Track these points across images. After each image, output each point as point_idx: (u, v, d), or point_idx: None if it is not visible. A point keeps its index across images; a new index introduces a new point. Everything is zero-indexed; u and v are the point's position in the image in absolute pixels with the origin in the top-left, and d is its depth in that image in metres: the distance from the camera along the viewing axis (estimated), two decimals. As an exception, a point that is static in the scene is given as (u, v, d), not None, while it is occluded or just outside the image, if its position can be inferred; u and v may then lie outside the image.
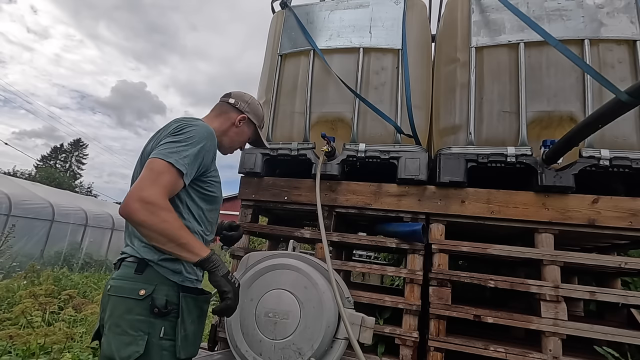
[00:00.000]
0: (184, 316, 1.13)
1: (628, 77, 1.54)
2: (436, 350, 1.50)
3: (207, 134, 1.24)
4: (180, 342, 1.11)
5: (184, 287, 1.16)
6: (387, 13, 1.94)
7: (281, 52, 2.11)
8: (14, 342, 2.58)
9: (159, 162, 1.09)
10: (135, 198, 1.02)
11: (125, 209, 1.03)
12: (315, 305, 1.35)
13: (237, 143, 1.48)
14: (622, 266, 1.44)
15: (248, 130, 1.48)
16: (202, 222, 1.28)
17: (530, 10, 1.68)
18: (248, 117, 1.45)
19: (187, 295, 1.15)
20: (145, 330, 1.07)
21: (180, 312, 1.13)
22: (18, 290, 4.55)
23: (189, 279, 1.18)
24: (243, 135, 1.47)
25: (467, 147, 1.65)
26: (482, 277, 1.54)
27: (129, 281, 1.13)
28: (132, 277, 1.13)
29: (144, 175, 1.08)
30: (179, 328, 1.11)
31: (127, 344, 1.06)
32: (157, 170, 1.08)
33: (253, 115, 1.48)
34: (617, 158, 1.46)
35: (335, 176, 1.80)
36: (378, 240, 1.74)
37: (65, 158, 43.99)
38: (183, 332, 1.12)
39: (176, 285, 1.14)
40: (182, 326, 1.12)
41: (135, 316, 1.08)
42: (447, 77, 1.84)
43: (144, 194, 1.03)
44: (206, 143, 1.22)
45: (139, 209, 1.02)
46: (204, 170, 1.25)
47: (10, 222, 7.09)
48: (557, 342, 1.40)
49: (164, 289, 1.12)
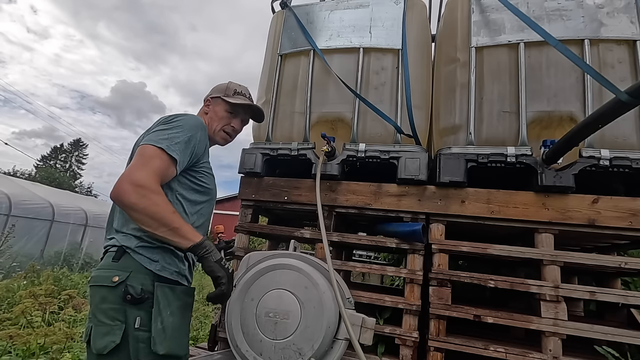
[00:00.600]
0: (160, 307, 1.08)
1: (628, 77, 1.54)
2: (436, 350, 1.50)
3: (197, 123, 1.25)
4: (156, 335, 1.05)
5: (161, 276, 1.12)
6: (387, 13, 1.94)
7: (281, 52, 2.11)
8: (14, 342, 2.58)
9: (150, 147, 1.08)
10: (126, 181, 1.02)
11: (116, 191, 1.02)
12: (316, 306, 1.35)
13: (217, 124, 1.45)
14: (622, 266, 1.44)
15: (219, 107, 1.46)
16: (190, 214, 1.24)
17: (530, 10, 1.68)
18: (210, 97, 1.47)
19: (163, 285, 1.11)
20: (121, 319, 1.04)
21: (156, 301, 1.08)
22: (18, 290, 4.55)
23: (167, 270, 1.14)
24: (218, 113, 1.45)
25: (467, 147, 1.65)
26: (482, 277, 1.54)
27: (105, 269, 1.11)
28: (109, 265, 1.11)
29: (134, 160, 1.07)
30: (155, 319, 1.06)
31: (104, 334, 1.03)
32: (148, 155, 1.07)
33: (215, 92, 1.48)
34: (617, 158, 1.46)
35: (335, 176, 1.80)
36: (378, 240, 1.74)
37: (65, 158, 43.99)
38: (160, 324, 1.07)
39: (152, 274, 1.10)
40: (159, 318, 1.07)
41: (109, 304, 1.05)
42: (447, 77, 1.84)
43: (135, 177, 1.02)
44: (196, 132, 1.22)
45: (130, 191, 1.01)
46: (196, 160, 1.24)
47: (10, 222, 7.10)
48: (557, 342, 1.40)
49: (140, 277, 1.08)
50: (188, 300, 1.21)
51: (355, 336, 1.36)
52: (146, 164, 1.05)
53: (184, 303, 1.18)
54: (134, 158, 1.09)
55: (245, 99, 1.51)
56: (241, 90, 1.51)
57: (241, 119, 1.53)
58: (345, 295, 1.44)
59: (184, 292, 1.19)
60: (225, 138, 1.49)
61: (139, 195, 1.02)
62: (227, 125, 1.47)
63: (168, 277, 1.14)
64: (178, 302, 1.14)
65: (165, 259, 1.15)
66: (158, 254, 1.14)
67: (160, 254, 1.14)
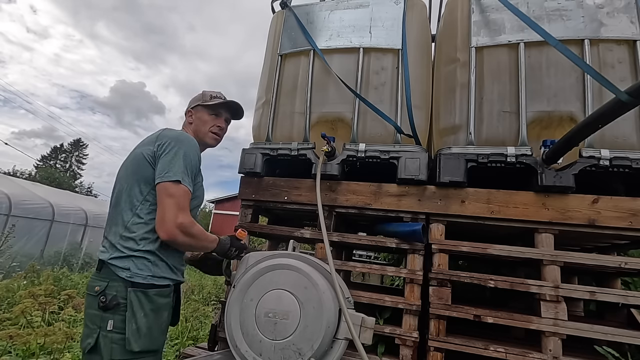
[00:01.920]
0: (133, 309, 1.20)
1: (628, 77, 1.54)
2: (436, 350, 1.50)
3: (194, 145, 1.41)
4: (131, 335, 1.18)
5: (134, 282, 1.23)
6: (387, 13, 1.94)
7: (281, 52, 2.11)
8: (14, 342, 2.58)
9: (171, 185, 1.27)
10: (173, 226, 1.24)
11: (169, 236, 1.24)
12: (315, 306, 1.35)
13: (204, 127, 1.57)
14: (622, 266, 1.44)
15: (201, 113, 1.58)
16: None
17: (530, 10, 1.68)
18: (190, 108, 1.60)
19: (135, 290, 1.23)
20: (98, 324, 1.19)
21: (129, 305, 1.20)
22: (18, 290, 4.55)
23: (139, 275, 1.25)
24: (202, 118, 1.57)
25: (467, 147, 1.65)
26: (482, 277, 1.54)
27: (92, 279, 1.28)
28: (94, 275, 1.29)
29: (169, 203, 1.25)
30: (129, 321, 1.19)
31: (86, 335, 1.20)
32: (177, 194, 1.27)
33: (193, 103, 1.61)
34: (617, 158, 1.46)
35: (335, 176, 1.80)
36: (378, 240, 1.74)
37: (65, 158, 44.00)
38: (134, 325, 1.19)
39: (125, 281, 1.23)
40: (133, 319, 1.20)
41: (92, 310, 1.22)
42: (447, 77, 1.84)
43: (179, 221, 1.24)
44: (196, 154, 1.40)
45: (178, 234, 1.25)
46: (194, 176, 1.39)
47: (10, 222, 7.09)
48: (557, 342, 1.40)
49: (115, 285, 1.22)
50: (160, 300, 1.30)
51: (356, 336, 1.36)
52: (182, 206, 1.27)
53: (158, 304, 1.29)
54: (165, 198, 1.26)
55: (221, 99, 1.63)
56: (216, 94, 1.63)
57: (224, 118, 1.64)
58: (345, 295, 1.44)
59: (157, 294, 1.29)
60: (214, 138, 1.60)
61: (185, 235, 1.26)
62: (214, 126, 1.58)
63: (141, 282, 1.25)
64: (151, 304, 1.25)
65: (138, 265, 1.26)
66: (129, 263, 1.25)
67: (131, 262, 1.25)
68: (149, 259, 1.29)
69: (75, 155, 44.71)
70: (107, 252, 1.28)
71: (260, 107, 2.15)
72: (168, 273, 1.34)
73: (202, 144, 1.57)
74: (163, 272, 1.32)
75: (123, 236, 1.28)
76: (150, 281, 1.27)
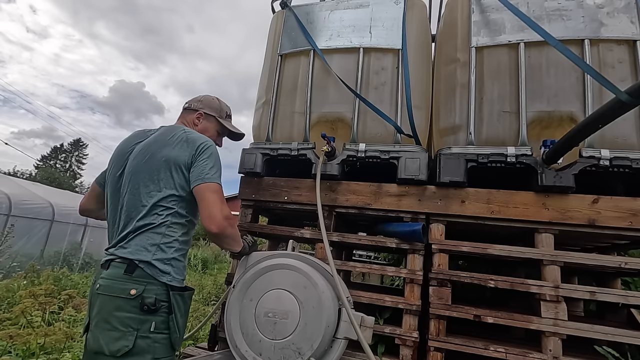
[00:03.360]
0: (175, 312, 1.25)
1: (628, 77, 1.54)
2: (436, 350, 1.50)
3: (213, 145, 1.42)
4: (174, 335, 1.24)
5: (172, 286, 1.25)
6: (387, 13, 1.94)
7: (281, 52, 2.11)
8: (14, 342, 2.58)
9: (216, 186, 1.32)
10: (223, 217, 1.27)
11: (220, 228, 1.27)
12: (315, 305, 1.35)
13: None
14: (622, 266, 1.44)
15: (210, 124, 1.56)
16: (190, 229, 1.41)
17: (530, 10, 1.68)
18: (203, 112, 1.55)
19: (175, 294, 1.26)
20: (134, 326, 1.17)
21: (172, 308, 1.24)
22: (18, 290, 4.55)
23: (177, 279, 1.28)
24: (209, 130, 1.55)
25: (467, 147, 1.65)
26: (482, 277, 1.54)
27: (118, 281, 1.22)
28: (121, 277, 1.22)
29: (214, 198, 1.29)
30: (172, 323, 1.23)
31: (117, 338, 1.15)
32: (219, 191, 1.33)
33: (208, 108, 1.56)
34: (617, 158, 1.46)
35: (335, 176, 1.80)
36: (378, 240, 1.74)
37: (65, 158, 44.01)
38: (176, 325, 1.24)
39: (164, 285, 1.24)
40: (174, 320, 1.24)
41: (125, 313, 1.18)
42: (447, 77, 1.84)
43: (225, 213, 1.28)
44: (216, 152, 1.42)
45: (228, 227, 1.30)
46: None
47: (10, 222, 7.08)
48: (557, 342, 1.40)
49: (154, 289, 1.21)
50: (189, 302, 1.37)
51: (355, 336, 1.36)
52: (223, 201, 1.31)
53: (188, 305, 1.36)
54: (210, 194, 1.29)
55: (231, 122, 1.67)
56: (230, 112, 1.66)
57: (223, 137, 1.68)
58: (345, 294, 1.44)
59: (189, 296, 1.35)
60: None
61: (231, 226, 1.32)
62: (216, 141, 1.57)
63: (177, 286, 1.28)
64: (185, 305, 1.32)
65: (175, 270, 1.28)
66: (169, 267, 1.26)
67: (170, 267, 1.27)
68: (182, 261, 1.33)
69: (75, 155, 44.72)
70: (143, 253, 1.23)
71: (260, 107, 2.15)
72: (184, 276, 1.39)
73: None
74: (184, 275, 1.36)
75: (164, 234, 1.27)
76: (182, 284, 1.32)
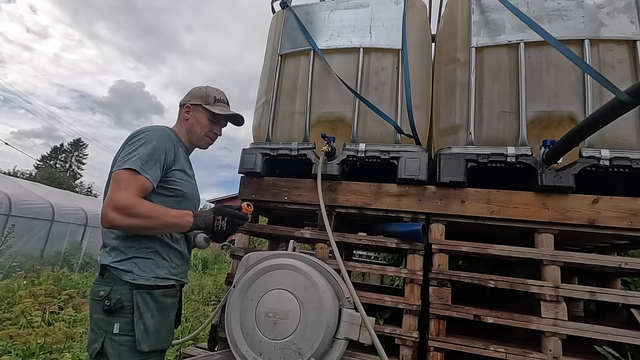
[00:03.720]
0: (140, 311, 1.20)
1: (628, 77, 1.54)
2: (436, 350, 1.50)
3: (162, 135, 1.32)
4: (140, 336, 1.18)
5: (138, 284, 1.22)
6: (387, 13, 1.94)
7: (281, 52, 2.11)
8: (14, 342, 2.58)
9: (122, 172, 1.20)
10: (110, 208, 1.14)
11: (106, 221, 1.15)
12: (315, 305, 1.35)
13: (201, 131, 1.48)
14: (622, 266, 1.44)
15: (199, 114, 1.48)
16: None
17: (530, 10, 1.68)
18: (190, 103, 1.49)
19: (141, 292, 1.22)
20: (103, 328, 1.18)
21: (136, 307, 1.20)
22: (18, 290, 4.55)
23: (142, 277, 1.23)
24: (200, 121, 1.48)
25: (467, 147, 1.65)
26: (482, 277, 1.54)
27: (95, 284, 1.26)
28: (97, 280, 1.26)
29: (111, 187, 1.19)
30: (137, 323, 1.19)
31: (92, 340, 1.20)
32: (120, 178, 1.19)
33: (194, 99, 1.50)
34: (617, 158, 1.46)
35: (335, 176, 1.80)
36: (378, 240, 1.74)
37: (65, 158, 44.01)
38: (142, 326, 1.19)
39: (129, 284, 1.21)
40: (141, 321, 1.19)
41: (96, 315, 1.20)
42: (447, 77, 1.84)
43: (116, 201, 1.14)
44: (163, 144, 1.29)
45: (117, 217, 1.14)
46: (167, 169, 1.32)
47: (10, 222, 7.08)
48: (557, 342, 1.40)
49: (119, 289, 1.21)
50: (166, 300, 1.29)
51: (354, 336, 1.36)
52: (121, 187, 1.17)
53: (163, 304, 1.28)
54: (111, 185, 1.20)
55: (225, 106, 1.54)
56: (220, 96, 1.53)
57: (222, 125, 1.58)
58: (345, 294, 1.44)
59: (162, 294, 1.27)
60: (208, 143, 1.55)
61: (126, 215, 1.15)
62: (210, 132, 1.51)
63: (145, 284, 1.23)
64: (157, 304, 1.25)
65: (140, 268, 1.24)
66: (132, 265, 1.24)
67: (134, 265, 1.24)
68: (152, 259, 1.27)
69: (75, 155, 44.72)
70: (105, 257, 1.26)
71: (260, 107, 2.15)
72: (170, 274, 1.32)
73: (193, 145, 1.53)
74: (166, 272, 1.30)
75: (121, 237, 1.26)
76: (155, 282, 1.26)
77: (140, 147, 1.24)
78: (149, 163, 1.23)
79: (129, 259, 1.24)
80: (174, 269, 1.34)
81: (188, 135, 1.48)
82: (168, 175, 1.32)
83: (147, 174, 1.21)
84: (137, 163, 1.20)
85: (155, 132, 1.31)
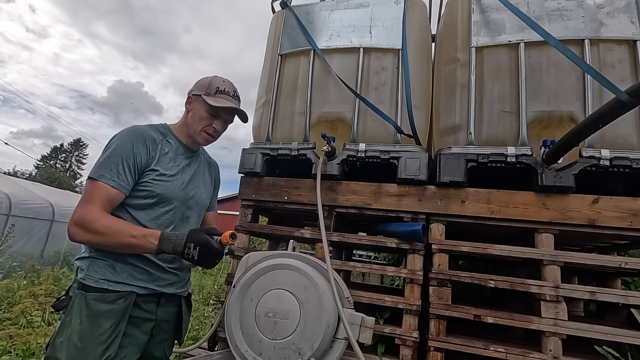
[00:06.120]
0: (72, 314, 1.10)
1: (628, 77, 1.54)
2: (436, 350, 1.50)
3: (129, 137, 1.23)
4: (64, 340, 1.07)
5: (84, 284, 1.15)
6: (387, 13, 1.94)
7: (281, 52, 2.11)
8: (14, 342, 2.58)
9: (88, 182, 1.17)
10: (71, 223, 1.12)
11: (69, 235, 1.13)
12: (315, 305, 1.35)
13: (198, 125, 1.36)
14: (622, 266, 1.44)
15: (199, 105, 1.36)
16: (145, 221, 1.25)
17: (530, 10, 1.68)
18: (192, 94, 1.38)
19: (79, 292, 1.14)
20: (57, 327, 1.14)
21: (70, 308, 1.12)
22: (18, 290, 4.55)
23: (91, 278, 1.15)
24: (198, 112, 1.36)
25: (467, 147, 1.65)
26: (482, 277, 1.54)
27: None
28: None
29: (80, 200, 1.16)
30: (65, 325, 1.09)
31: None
32: (87, 191, 1.16)
33: (196, 89, 1.38)
34: (617, 158, 1.46)
35: (335, 176, 1.80)
36: (378, 240, 1.74)
37: (65, 158, 44.05)
38: (68, 331, 1.08)
39: (77, 282, 1.16)
40: (69, 326, 1.09)
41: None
42: (447, 77, 1.84)
43: (74, 216, 1.12)
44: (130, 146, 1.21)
45: (76, 232, 1.11)
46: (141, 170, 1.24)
47: (10, 222, 7.09)
48: (557, 342, 1.40)
49: (73, 287, 1.18)
50: (101, 307, 1.12)
51: (355, 336, 1.36)
52: (84, 201, 1.14)
53: (94, 311, 1.11)
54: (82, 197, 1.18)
55: (228, 98, 1.37)
56: (224, 87, 1.37)
57: (223, 120, 1.41)
58: (345, 295, 1.44)
59: (96, 299, 1.12)
60: (206, 139, 1.41)
61: (84, 231, 1.11)
62: (209, 127, 1.37)
63: (92, 285, 1.15)
64: (87, 310, 1.11)
65: (94, 267, 1.18)
66: (85, 263, 1.19)
67: (88, 264, 1.19)
68: (106, 261, 1.18)
69: (75, 155, 44.76)
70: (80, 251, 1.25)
71: (260, 107, 2.15)
72: (132, 280, 1.19)
73: (192, 140, 1.41)
74: (124, 278, 1.18)
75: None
76: (103, 285, 1.15)
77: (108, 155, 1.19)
78: (106, 167, 1.16)
79: (87, 258, 1.20)
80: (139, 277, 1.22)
81: (187, 129, 1.38)
82: (141, 176, 1.24)
83: (108, 179, 1.14)
84: (96, 171, 1.16)
85: (121, 136, 1.23)
